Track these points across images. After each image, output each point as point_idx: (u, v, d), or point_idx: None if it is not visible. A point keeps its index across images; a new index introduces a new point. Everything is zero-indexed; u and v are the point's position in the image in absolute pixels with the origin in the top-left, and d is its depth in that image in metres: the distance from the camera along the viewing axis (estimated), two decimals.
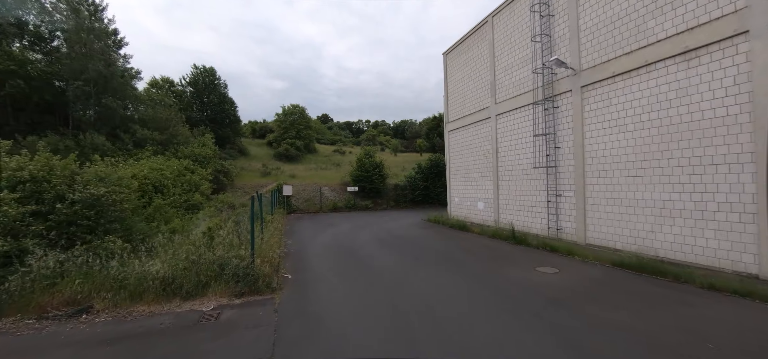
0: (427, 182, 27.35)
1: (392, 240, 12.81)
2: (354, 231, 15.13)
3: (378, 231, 14.97)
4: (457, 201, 18.85)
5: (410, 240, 12.55)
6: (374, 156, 27.32)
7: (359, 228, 16.07)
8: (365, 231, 15.01)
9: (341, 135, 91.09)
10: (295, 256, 10.08)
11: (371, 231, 15.30)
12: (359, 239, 13.03)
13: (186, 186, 16.58)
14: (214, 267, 6.48)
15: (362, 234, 14.36)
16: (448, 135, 19.96)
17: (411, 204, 26.90)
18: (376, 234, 14.29)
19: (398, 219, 20.35)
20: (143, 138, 22.56)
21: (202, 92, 36.50)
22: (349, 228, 16.34)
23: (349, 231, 15.34)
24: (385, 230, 15.45)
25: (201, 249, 6.71)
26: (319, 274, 8.01)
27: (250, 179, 29.16)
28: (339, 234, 14.48)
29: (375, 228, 16.00)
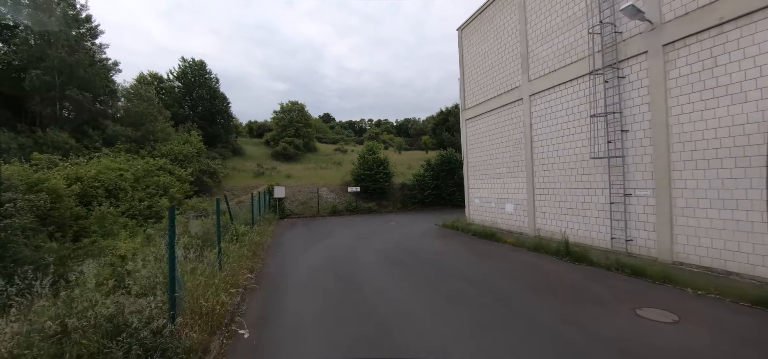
0: (438, 180, 24.37)
1: (405, 258, 9.86)
2: (355, 244, 12.23)
3: (385, 244, 12.05)
4: (478, 203, 15.87)
5: (430, 259, 9.59)
6: (378, 152, 24.43)
7: (361, 239, 13.15)
8: (369, 244, 12.09)
9: (343, 134, 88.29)
10: (270, 287, 7.17)
11: (376, 242, 12.39)
12: (361, 257, 10.10)
13: (152, 190, 13.78)
14: (96, 338, 3.58)
15: (365, 248, 11.45)
16: (465, 125, 17.00)
17: (420, 205, 23.95)
18: (383, 248, 11.37)
19: (408, 224, 17.41)
20: (114, 135, 19.81)
21: (191, 87, 33.73)
22: (349, 238, 13.43)
23: (349, 243, 12.44)
24: (394, 241, 12.52)
25: (84, 302, 3.83)
26: (296, 329, 5.09)
27: (241, 180, 26.36)
28: (336, 248, 11.57)
29: (381, 239, 13.08)
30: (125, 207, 11.74)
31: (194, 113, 33.47)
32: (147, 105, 21.55)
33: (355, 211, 22.13)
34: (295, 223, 18.46)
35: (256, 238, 10.38)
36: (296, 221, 19.38)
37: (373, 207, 22.52)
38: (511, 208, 13.48)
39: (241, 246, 8.50)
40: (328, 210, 21.83)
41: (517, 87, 12.79)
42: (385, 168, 23.99)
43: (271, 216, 18.67)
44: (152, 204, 12.71)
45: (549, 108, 11.23)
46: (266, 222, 16.20)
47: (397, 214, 21.88)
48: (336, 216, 21.19)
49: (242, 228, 9.75)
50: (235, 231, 9.06)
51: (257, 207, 15.38)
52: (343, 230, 15.66)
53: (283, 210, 20.58)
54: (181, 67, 33.91)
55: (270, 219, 17.44)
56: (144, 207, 12.34)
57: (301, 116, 49.80)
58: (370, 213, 22.24)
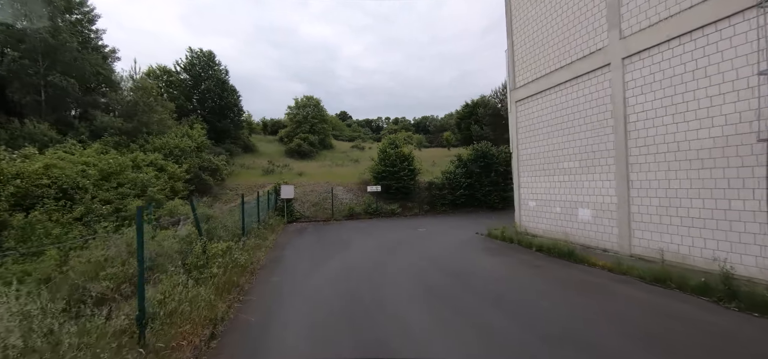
0: (471, 179, 20.93)
1: (455, 288, 6.61)
2: (378, 260, 9.08)
3: (419, 262, 8.84)
4: (534, 207, 12.43)
5: (493, 293, 6.30)
6: (401, 146, 21.22)
7: (387, 253, 9.99)
8: (398, 262, 8.90)
9: (360, 131, 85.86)
10: (249, 346, 4.12)
11: (407, 258, 9.20)
12: (391, 287, 6.92)
13: (128, 189, 11.10)
14: None
15: (394, 270, 8.26)
16: (514, 108, 13.57)
17: (450, 208, 20.58)
18: (419, 270, 8.16)
19: (441, 231, 14.14)
20: (103, 126, 17.42)
21: (199, 79, 31.52)
22: (371, 252, 10.29)
23: (371, 259, 9.30)
24: (430, 258, 9.30)
25: None
26: None
27: (248, 178, 23.73)
28: (354, 269, 8.45)
29: (413, 254, 9.88)
30: (81, 211, 9.08)
31: (203, 107, 31.26)
32: (141, 94, 19.15)
33: (376, 214, 19.00)
34: (305, 229, 15.48)
35: (242, 258, 7.36)
36: (306, 226, 16.41)
37: (396, 210, 19.34)
38: (587, 215, 9.99)
39: (208, 277, 5.48)
40: (344, 212, 18.80)
41: (601, 49, 9.31)
42: (410, 164, 20.75)
43: (276, 220, 15.78)
44: (122, 207, 10.04)
45: (662, 72, 7.70)
46: (268, 229, 13.29)
47: (424, 218, 18.61)
48: (353, 220, 18.13)
49: (220, 246, 6.75)
50: (204, 252, 6.07)
51: (259, 209, 12.50)
52: (362, 239, 12.54)
53: (291, 213, 17.69)
54: (189, 58, 31.74)
55: (274, 225, 14.54)
56: (109, 211, 9.66)
57: (316, 111, 47.29)
58: (393, 217, 19.06)
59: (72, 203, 9.30)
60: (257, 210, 11.98)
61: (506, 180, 21.65)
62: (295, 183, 21.92)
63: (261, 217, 13.08)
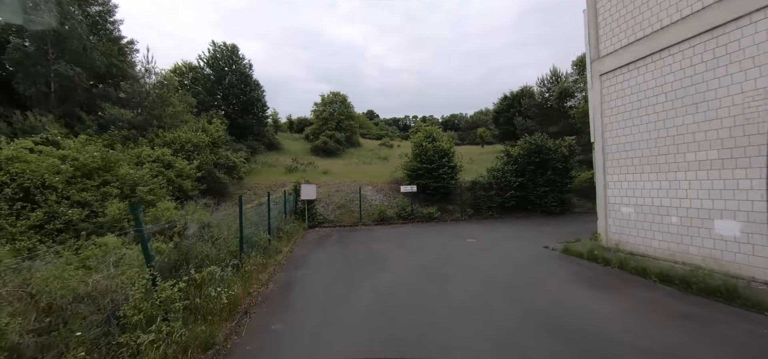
0: (523, 178, 17.65)
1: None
2: (426, 292, 6.32)
3: (487, 299, 5.98)
4: (631, 214, 9.20)
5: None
6: (440, 139, 18.29)
7: (436, 279, 7.20)
8: (454, 297, 6.09)
9: (387, 130, 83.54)
10: None
11: (466, 290, 6.37)
12: (457, 346, 4.14)
13: (113, 188, 9.06)
14: None
15: (450, 306, 5.47)
16: (598, 84, 10.38)
17: (499, 211, 17.40)
18: (489, 312, 5.32)
19: (497, 244, 11.14)
20: (111, 119, 15.88)
21: (222, 73, 30.15)
22: (413, 276, 7.55)
23: (415, 290, 6.55)
24: (502, 291, 6.40)
25: None
26: None
27: (269, 176, 21.74)
28: (393, 307, 5.73)
29: (471, 281, 7.03)
30: (39, 217, 7.07)
31: (226, 103, 29.86)
32: (152, 85, 17.55)
33: (410, 218, 16.22)
34: (327, 237, 12.98)
35: (227, 294, 4.87)
36: (329, 233, 13.91)
37: (433, 214, 16.45)
38: (734, 230, 6.70)
39: None
40: (374, 216, 16.18)
41: None
42: (450, 160, 17.77)
43: (294, 225, 13.41)
44: (99, 210, 8.00)
45: None
46: (283, 239, 10.89)
47: (469, 224, 15.60)
48: (384, 226, 15.46)
49: (204, 274, 4.30)
50: (148, 297, 3.59)
51: (270, 215, 10.14)
52: (398, 253, 9.81)
53: (313, 217, 15.30)
54: (211, 52, 30.46)
55: (291, 232, 12.15)
56: (80, 216, 7.61)
57: (343, 108, 45.30)
58: (431, 222, 16.19)
59: (33, 206, 7.36)
60: (268, 215, 9.57)
61: (564, 179, 18.18)
62: (319, 182, 19.61)
63: (275, 224, 10.69)
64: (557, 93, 27.37)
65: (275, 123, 51.94)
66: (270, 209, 9.68)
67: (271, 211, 11.87)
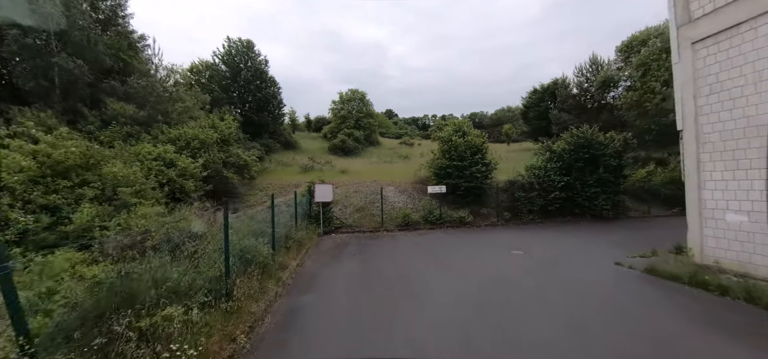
0: (571, 176, 15.29)
1: None
2: (482, 344, 4.35)
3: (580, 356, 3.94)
4: (739, 223, 6.92)
5: None
6: (470, 134, 16.15)
7: (491, 321, 5.21)
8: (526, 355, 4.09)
9: (407, 129, 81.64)
10: None
11: (540, 336, 4.33)
12: None
13: (93, 189, 7.61)
14: None
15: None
16: (689, 55, 8.11)
17: (541, 215, 15.11)
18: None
19: (555, 259, 8.99)
20: (113, 114, 14.75)
21: (237, 69, 29.09)
22: (459, 311, 5.60)
23: (466, 336, 4.60)
24: (597, 337, 4.33)
25: None
26: None
27: (282, 176, 20.24)
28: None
29: (541, 321, 5.01)
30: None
31: (242, 100, 28.75)
32: (158, 80, 16.37)
33: (439, 223, 14.21)
34: (345, 247, 11.17)
35: (244, 302, 3.12)
36: (347, 241, 12.11)
37: (465, 218, 14.37)
38: None
39: None
40: (398, 220, 14.28)
41: None
42: (484, 157, 15.62)
43: (307, 232, 11.70)
44: (64, 218, 6.54)
45: None
46: (293, 249, 9.16)
47: (508, 231, 13.43)
48: (410, 232, 13.53)
49: (157, 319, 2.58)
50: None
51: (274, 224, 8.47)
52: (434, 274, 7.84)
53: (329, 221, 13.56)
54: (226, 48, 29.46)
55: (303, 240, 10.42)
56: (43, 225, 6.14)
57: (362, 105, 43.75)
58: (463, 228, 14.12)
59: None
60: (272, 223, 7.85)
61: (618, 177, 15.67)
62: (336, 182, 17.91)
63: (282, 232, 8.98)
64: (599, 82, 24.56)
65: (293, 122, 51.03)
66: (274, 215, 7.95)
67: (280, 217, 10.20)
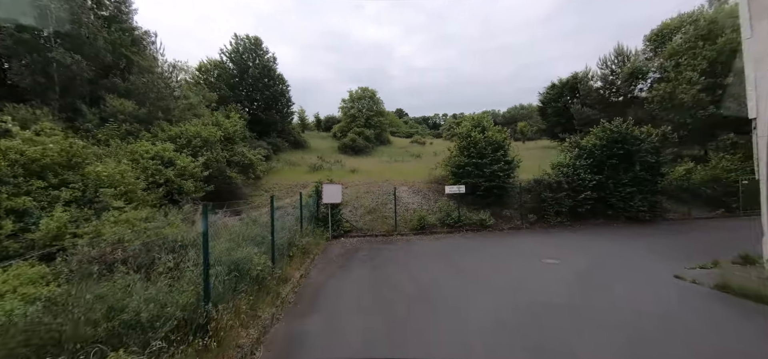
0: (603, 174, 13.91)
1: None
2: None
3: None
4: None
5: None
6: (490, 129, 14.89)
7: (531, 352, 4.05)
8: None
9: (417, 128, 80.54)
10: None
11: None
12: None
13: (76, 189, 6.74)
14: None
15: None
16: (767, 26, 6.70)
17: (569, 217, 13.77)
18: None
19: (592, 268, 7.74)
20: (112, 111, 14.04)
21: (244, 67, 28.40)
22: (493, 340, 4.44)
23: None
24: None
25: None
26: None
27: (290, 176, 19.32)
28: None
29: None
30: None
31: (249, 99, 28.04)
32: (159, 75, 15.64)
33: (457, 226, 13.01)
34: (355, 254, 10.11)
35: None
36: (358, 246, 11.05)
37: (486, 221, 13.13)
38: None
39: None
40: (412, 223, 13.15)
41: None
42: (506, 154, 14.35)
43: (314, 237, 10.68)
44: (33, 224, 5.67)
45: None
46: (297, 257, 8.13)
47: (534, 235, 12.17)
48: (426, 236, 12.39)
49: None
50: None
51: (274, 232, 7.48)
52: (458, 289, 6.70)
53: (338, 224, 12.52)
54: (234, 45, 28.79)
55: (308, 247, 9.38)
56: (6, 233, 5.27)
57: (372, 104, 42.81)
58: (484, 231, 12.90)
59: None
60: (272, 229, 6.83)
61: (655, 176, 14.21)
62: (346, 182, 16.88)
63: (285, 239, 7.97)
64: (626, 74, 22.91)
65: (303, 121, 50.41)
66: (275, 221, 6.92)
67: (285, 220, 9.20)
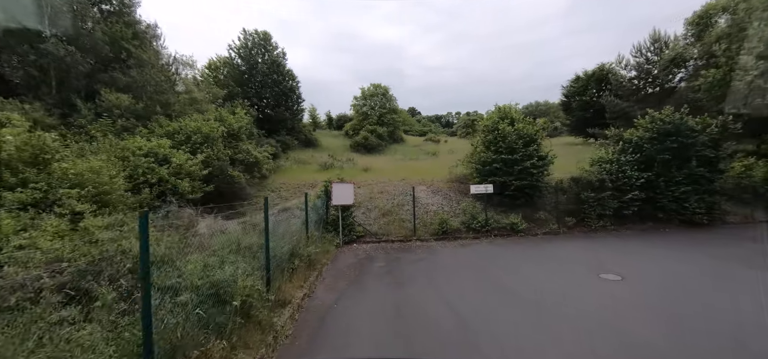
0: (652, 171, 12.13)
1: None
2: None
3: None
4: None
5: None
6: (520, 121, 13.22)
7: None
8: None
9: (430, 126, 78.81)
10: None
11: None
12: None
13: (38, 191, 5.58)
14: None
15: None
16: None
17: (613, 221, 12.01)
18: None
19: (672, 287, 6.05)
20: (108, 106, 13.05)
21: (253, 62, 27.40)
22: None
23: None
24: None
25: None
26: None
27: (299, 175, 18.06)
28: None
29: None
30: None
31: (258, 96, 27.00)
32: (159, 68, 14.58)
33: (484, 231, 11.44)
34: (370, 264, 8.70)
35: None
36: (372, 254, 9.63)
37: (518, 225, 11.51)
38: None
39: None
40: (433, 227, 11.66)
41: None
42: (538, 149, 12.68)
43: (322, 243, 9.33)
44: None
45: None
46: (300, 271, 6.77)
47: (575, 241, 10.53)
48: (449, 242, 10.89)
49: None
50: None
51: (268, 247, 6.15)
52: (506, 320, 5.20)
53: (350, 229, 11.13)
54: (242, 41, 27.81)
55: (315, 256, 8.00)
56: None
57: (385, 101, 41.43)
58: (516, 236, 11.30)
59: None
60: (266, 246, 5.48)
61: (713, 173, 12.34)
62: (358, 181, 15.51)
63: (285, 251, 6.61)
64: (666, 61, 20.79)
65: (314, 120, 49.37)
66: (269, 231, 5.56)
67: (287, 225, 7.87)
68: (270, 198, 14.40)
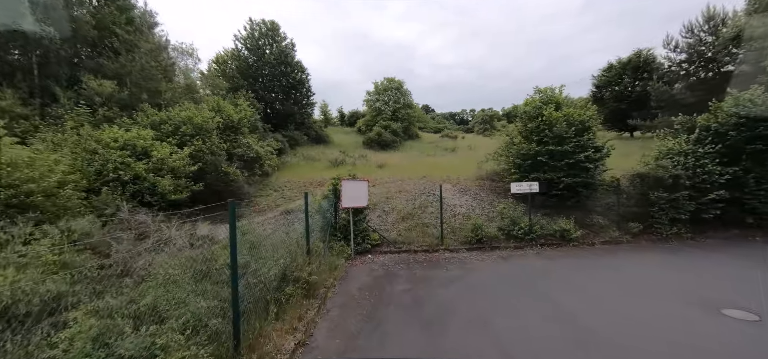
0: (738, 166, 9.71)
1: None
2: None
3: None
4: None
5: None
6: (567, 105, 10.98)
7: None
8: None
9: (445, 123, 76.37)
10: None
11: None
12: None
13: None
14: None
15: None
16: None
17: (688, 227, 9.65)
18: None
19: None
20: (90, 94, 11.49)
21: (260, 52, 25.80)
22: None
23: None
24: None
25: None
26: None
27: (306, 172, 16.22)
28: None
29: None
30: None
31: (266, 89, 25.40)
32: (145, 53, 12.95)
33: (528, 239, 9.28)
34: (390, 287, 6.72)
35: None
36: (393, 272, 7.64)
37: (570, 232, 9.30)
38: None
39: None
40: (464, 234, 9.59)
41: None
42: (592, 139, 10.41)
43: (329, 257, 7.41)
44: None
45: None
46: (295, 301, 4.86)
47: (650, 255, 8.29)
48: (485, 253, 8.81)
49: None
50: None
51: (236, 282, 4.17)
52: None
53: (364, 236, 9.16)
54: (248, 31, 26.24)
55: (318, 280, 6.05)
56: None
57: (399, 96, 39.45)
58: (567, 246, 9.12)
59: None
60: (233, 281, 3.57)
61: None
62: (373, 179, 13.55)
63: (274, 276, 4.70)
64: (727, 39, 18.00)
65: (325, 116, 47.72)
66: (235, 257, 3.64)
67: (286, 231, 5.98)
68: (273, 197, 12.61)
